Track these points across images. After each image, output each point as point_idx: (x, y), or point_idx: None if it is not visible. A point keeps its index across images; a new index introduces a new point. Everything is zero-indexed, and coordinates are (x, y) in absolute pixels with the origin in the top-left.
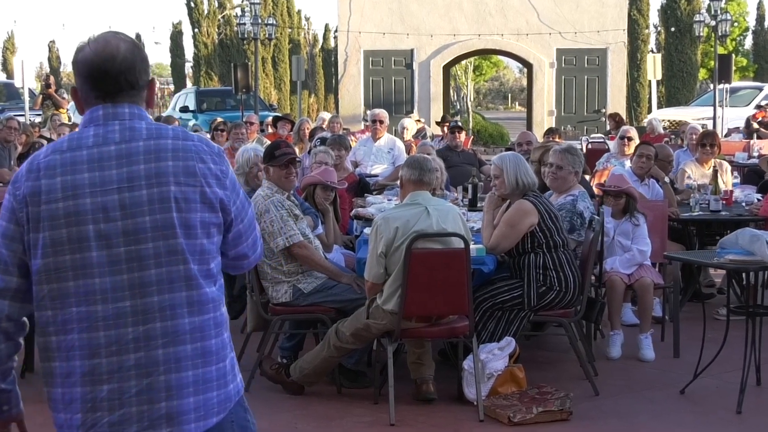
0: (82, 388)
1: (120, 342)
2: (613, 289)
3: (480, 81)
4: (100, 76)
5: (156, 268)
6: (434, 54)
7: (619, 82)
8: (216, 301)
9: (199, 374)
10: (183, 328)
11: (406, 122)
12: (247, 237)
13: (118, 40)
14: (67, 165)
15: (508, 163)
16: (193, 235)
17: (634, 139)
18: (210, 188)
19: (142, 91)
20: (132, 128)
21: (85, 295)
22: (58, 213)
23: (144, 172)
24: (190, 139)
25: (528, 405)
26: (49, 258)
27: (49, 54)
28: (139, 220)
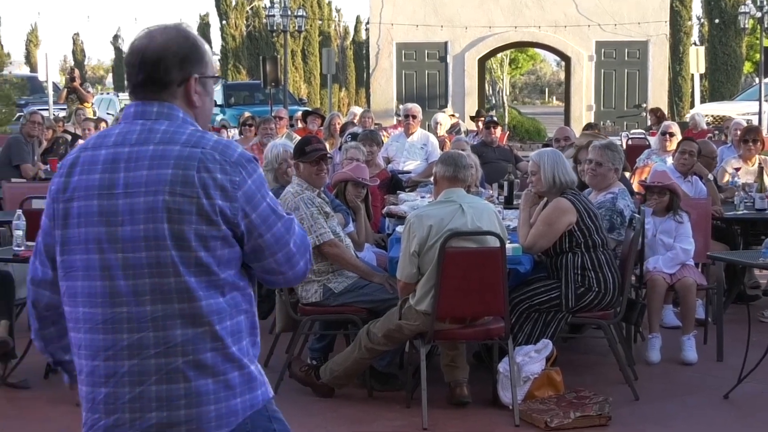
0: (86, 388)
1: (115, 347)
2: (654, 289)
3: (516, 75)
4: (129, 67)
5: (150, 278)
6: (469, 47)
7: (661, 75)
8: (219, 314)
9: (191, 387)
10: (175, 339)
11: (440, 117)
12: (274, 252)
13: (160, 34)
14: (86, 163)
15: (545, 160)
16: (187, 248)
17: (676, 134)
18: (209, 200)
19: (173, 87)
20: (151, 130)
21: (88, 296)
22: (73, 212)
23: (145, 178)
24: (201, 146)
25: (565, 409)
26: (65, 255)
27: (74, 47)
28: (135, 227)
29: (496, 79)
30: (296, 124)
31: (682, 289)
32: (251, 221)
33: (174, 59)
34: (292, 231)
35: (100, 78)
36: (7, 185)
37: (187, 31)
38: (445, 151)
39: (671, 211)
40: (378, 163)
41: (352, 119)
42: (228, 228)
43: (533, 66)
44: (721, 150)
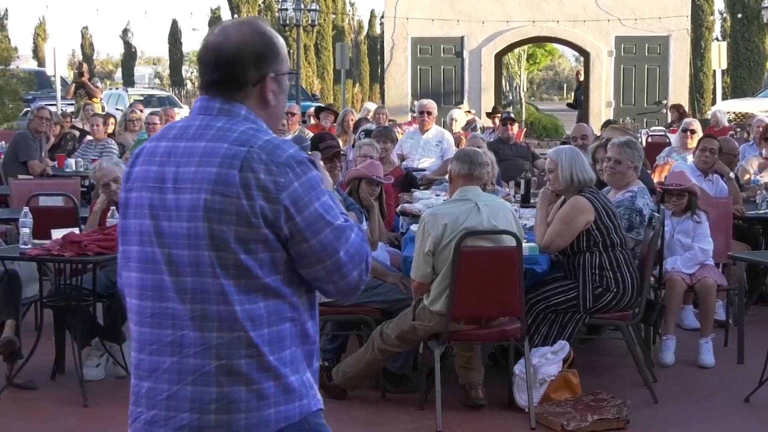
0: (133, 380)
1: (160, 342)
2: (673, 290)
3: (534, 70)
4: (204, 65)
5: (192, 276)
6: (486, 42)
7: (682, 71)
8: (255, 320)
9: (224, 393)
10: (211, 341)
11: (456, 113)
12: (321, 260)
13: (236, 31)
14: (148, 154)
15: (563, 157)
16: (225, 249)
17: (697, 132)
18: (249, 201)
19: (247, 87)
20: (207, 126)
21: (140, 288)
22: (131, 202)
23: (192, 175)
24: (249, 144)
25: (582, 412)
26: (124, 246)
27: (82, 41)
28: (179, 224)
29: (513, 74)
30: (309, 121)
31: (702, 289)
32: (295, 224)
33: (250, 59)
34: (345, 239)
35: (109, 73)
36: (14, 182)
37: (263, 26)
38: (460, 149)
39: (689, 210)
40: (392, 161)
41: (366, 115)
42: (270, 231)
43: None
44: (743, 148)
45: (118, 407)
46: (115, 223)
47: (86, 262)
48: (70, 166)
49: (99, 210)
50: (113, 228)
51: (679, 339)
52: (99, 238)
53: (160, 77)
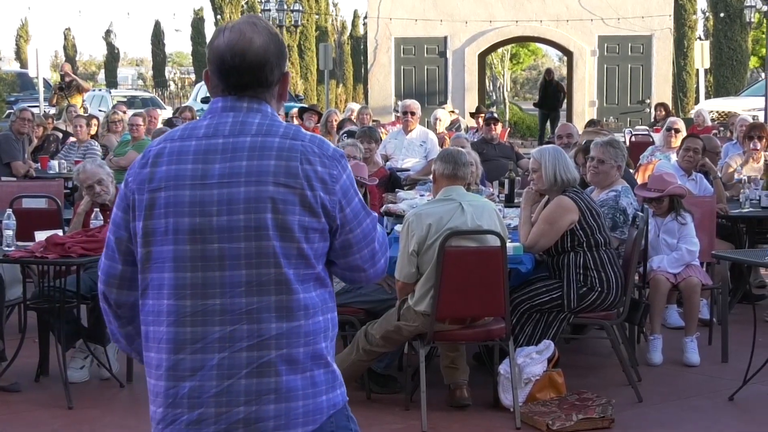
0: (166, 383)
1: (205, 340)
2: (657, 289)
3: (517, 70)
4: (229, 70)
5: (247, 269)
6: (469, 41)
7: (665, 71)
8: (313, 308)
9: (282, 381)
10: (269, 333)
11: (440, 113)
12: (360, 249)
13: (254, 33)
14: (174, 154)
15: (547, 157)
16: (289, 238)
17: (681, 131)
18: (312, 191)
19: (273, 87)
20: (244, 122)
21: (176, 288)
22: (160, 202)
23: (245, 169)
24: (300, 138)
25: (567, 412)
26: (149, 247)
27: (65, 42)
28: (234, 218)
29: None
30: (292, 121)
31: (686, 289)
32: (345, 215)
33: (275, 60)
34: (377, 228)
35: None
36: None
37: (270, 24)
38: (444, 149)
39: (673, 212)
40: (376, 161)
41: (350, 116)
42: (326, 221)
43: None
44: (726, 146)
45: (103, 410)
46: (99, 225)
47: (70, 264)
48: (53, 168)
49: (83, 212)
50: (97, 230)
51: (664, 338)
52: (82, 240)
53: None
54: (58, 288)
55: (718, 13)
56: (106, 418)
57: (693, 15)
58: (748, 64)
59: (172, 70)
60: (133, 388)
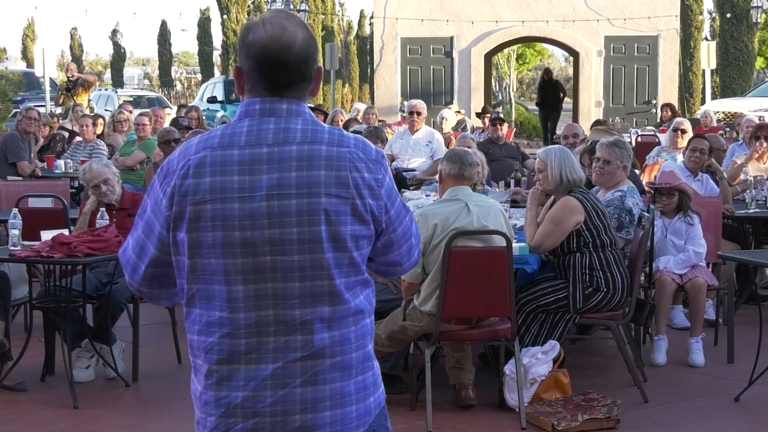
0: (218, 392)
1: (260, 351)
2: (663, 290)
3: (523, 70)
4: (274, 65)
5: (300, 281)
6: (475, 42)
7: (671, 71)
8: (361, 313)
9: (336, 388)
10: (323, 342)
11: (446, 113)
12: (400, 245)
13: (295, 26)
14: (217, 165)
15: (553, 157)
16: (342, 249)
17: (688, 131)
18: (362, 200)
19: (312, 83)
20: (287, 129)
21: (229, 301)
22: (206, 215)
23: (295, 180)
24: (346, 144)
25: (573, 412)
26: (196, 259)
27: (71, 42)
28: (286, 230)
29: (502, 74)
30: None
31: (692, 289)
32: (390, 217)
33: (315, 53)
34: (413, 223)
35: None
36: (3, 183)
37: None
38: (450, 149)
39: (681, 212)
40: None
41: (356, 116)
42: (374, 226)
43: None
44: (732, 147)
45: (109, 409)
46: (104, 224)
47: (76, 264)
48: (60, 168)
49: (88, 211)
50: (103, 229)
51: (669, 338)
52: (88, 239)
53: (150, 78)
54: (64, 287)
55: (724, 13)
56: (111, 417)
57: (699, 15)
58: (755, 64)
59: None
60: (139, 387)
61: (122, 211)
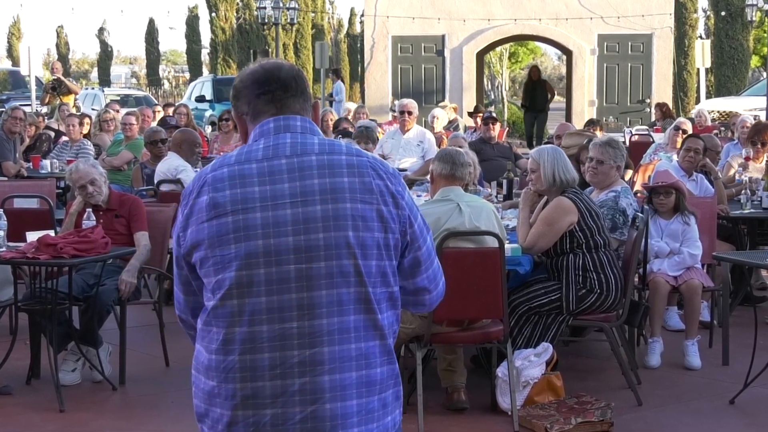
0: (244, 412)
1: (285, 365)
2: (657, 292)
3: (516, 69)
4: (267, 79)
5: (327, 289)
6: (467, 40)
7: (665, 70)
8: (389, 327)
9: (362, 404)
10: (350, 354)
11: (437, 112)
12: (427, 267)
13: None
14: (235, 178)
15: (545, 157)
16: (370, 256)
17: (689, 131)
18: (387, 207)
19: (310, 102)
20: (304, 143)
21: (250, 314)
22: (228, 228)
23: (318, 186)
24: (364, 155)
25: (566, 415)
26: (219, 275)
27: (57, 40)
28: (312, 237)
29: (495, 73)
30: None
31: (687, 291)
32: (414, 231)
33: (305, 80)
34: (432, 245)
35: (85, 72)
36: None
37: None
38: (442, 148)
39: (678, 212)
40: None
41: (346, 115)
42: (401, 237)
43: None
44: (727, 147)
45: (95, 413)
46: (91, 225)
47: (62, 265)
48: (45, 168)
49: (75, 212)
50: (89, 230)
51: (664, 341)
52: (75, 240)
53: (137, 77)
54: (50, 289)
55: (719, 11)
56: (98, 421)
57: (694, 13)
58: (750, 63)
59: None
60: (126, 391)
61: (109, 211)
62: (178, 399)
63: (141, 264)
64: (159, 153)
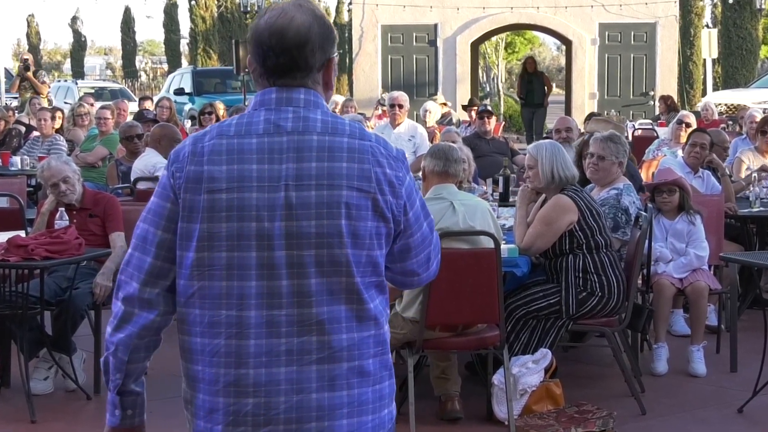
0: (225, 399)
1: (271, 353)
2: (662, 294)
3: (512, 60)
4: (265, 52)
5: (317, 277)
6: (461, 29)
7: (670, 60)
8: (381, 317)
9: (354, 395)
10: (340, 344)
11: (429, 105)
12: (418, 253)
13: (296, 11)
14: (233, 152)
15: (543, 153)
16: (361, 245)
17: (692, 125)
18: (383, 196)
19: (315, 71)
20: (306, 118)
21: (237, 298)
22: (221, 205)
23: (315, 170)
24: (368, 138)
25: (566, 425)
26: (203, 252)
27: (28, 29)
28: (303, 223)
29: (490, 64)
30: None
31: (693, 293)
32: (408, 219)
33: (317, 42)
34: (433, 231)
35: (57, 63)
36: None
37: (317, 7)
38: (434, 144)
39: (683, 211)
40: None
41: (334, 108)
42: (394, 226)
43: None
44: (735, 142)
45: (69, 423)
46: (64, 225)
47: (33, 268)
48: (16, 164)
49: (47, 212)
50: (62, 231)
51: (669, 346)
52: (46, 241)
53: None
54: (21, 293)
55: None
56: (70, 431)
57: (700, 1)
58: (759, 53)
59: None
60: (101, 400)
61: (83, 211)
62: (156, 408)
63: (117, 266)
64: (135, 149)
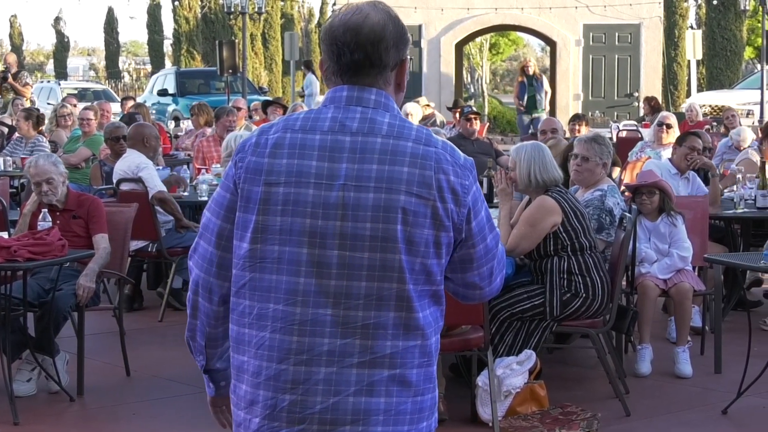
0: (265, 392)
1: (312, 352)
2: (645, 296)
3: (497, 61)
4: (339, 48)
5: (367, 281)
6: (445, 30)
7: (654, 62)
8: (428, 328)
9: (392, 403)
10: (383, 350)
11: (410, 107)
12: (480, 265)
13: (371, 9)
14: (295, 147)
15: (523, 155)
16: (416, 252)
17: (673, 126)
18: (444, 204)
19: (388, 70)
20: (373, 120)
21: (286, 293)
22: (276, 198)
23: (375, 173)
24: (434, 144)
25: (550, 426)
26: (257, 244)
27: (11, 30)
28: (359, 225)
29: (474, 65)
30: (255, 115)
31: (677, 294)
32: (470, 228)
33: (392, 40)
34: (499, 245)
35: (40, 64)
36: None
37: (390, 7)
38: None
39: (664, 212)
40: None
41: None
42: (453, 234)
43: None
44: (720, 146)
45: (52, 425)
46: (47, 227)
47: (16, 269)
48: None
49: (29, 212)
50: (45, 232)
51: (653, 348)
52: (29, 243)
53: (95, 69)
54: (3, 295)
55: (711, 0)
56: None
57: (684, 2)
58: (743, 54)
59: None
60: (84, 402)
61: (66, 212)
62: (139, 410)
63: (100, 268)
64: (120, 150)
